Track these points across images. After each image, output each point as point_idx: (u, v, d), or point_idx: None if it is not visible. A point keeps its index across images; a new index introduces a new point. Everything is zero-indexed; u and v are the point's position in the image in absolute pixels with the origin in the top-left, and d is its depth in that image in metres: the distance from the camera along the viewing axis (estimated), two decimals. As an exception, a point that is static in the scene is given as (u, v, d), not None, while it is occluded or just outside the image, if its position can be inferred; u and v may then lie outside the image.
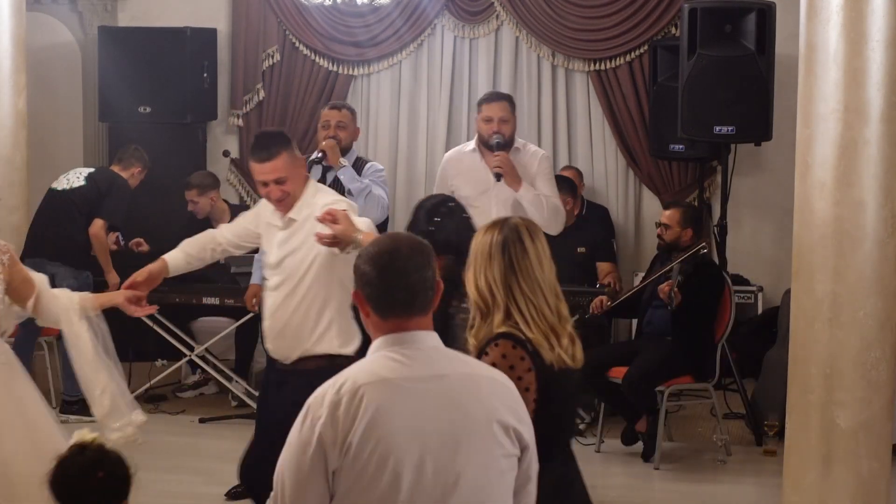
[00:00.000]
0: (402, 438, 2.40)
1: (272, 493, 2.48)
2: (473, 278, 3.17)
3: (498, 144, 5.69)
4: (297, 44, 8.62)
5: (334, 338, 4.38)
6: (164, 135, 8.21)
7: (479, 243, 3.20)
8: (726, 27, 6.91)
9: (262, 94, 8.64)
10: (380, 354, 2.51)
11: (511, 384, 2.61)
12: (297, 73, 8.64)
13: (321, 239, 4.18)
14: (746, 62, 6.84)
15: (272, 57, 8.65)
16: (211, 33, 8.47)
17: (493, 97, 5.98)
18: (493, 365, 2.91)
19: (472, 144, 5.94)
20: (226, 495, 5.63)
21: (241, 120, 8.69)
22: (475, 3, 8.39)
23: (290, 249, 4.42)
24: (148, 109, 8.21)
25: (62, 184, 7.16)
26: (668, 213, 6.63)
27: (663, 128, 7.56)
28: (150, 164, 7.42)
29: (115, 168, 7.35)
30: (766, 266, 8.08)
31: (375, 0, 8.33)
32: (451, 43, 8.49)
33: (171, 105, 8.20)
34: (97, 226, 7.05)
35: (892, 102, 4.59)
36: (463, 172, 5.86)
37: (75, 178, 7.21)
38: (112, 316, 4.33)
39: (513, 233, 3.22)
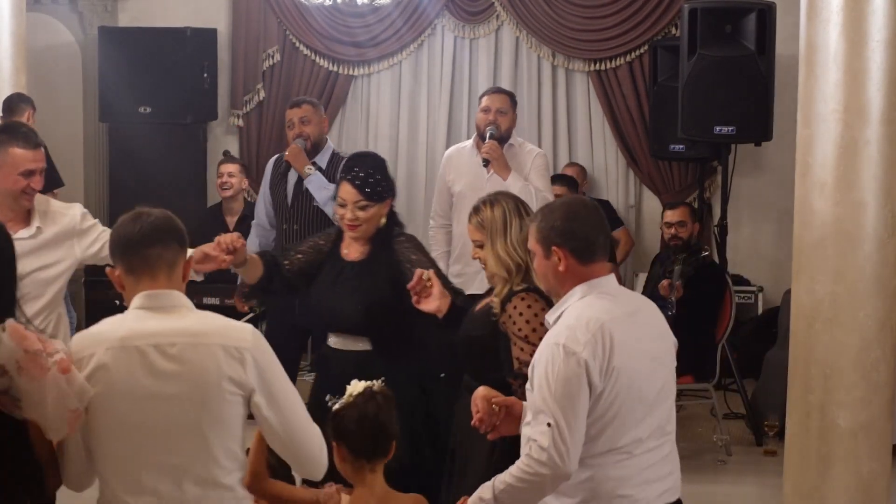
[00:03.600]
0: (637, 359, 3.06)
1: (543, 426, 2.96)
2: (493, 252, 3.72)
3: (491, 135, 5.68)
4: (297, 44, 8.63)
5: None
6: (164, 135, 8.20)
7: (489, 220, 3.74)
8: (726, 27, 6.91)
9: (262, 94, 8.64)
10: (592, 297, 3.11)
11: None
12: (297, 73, 8.65)
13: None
14: (746, 62, 6.84)
15: (272, 57, 8.65)
16: (211, 33, 8.47)
17: (493, 90, 6.02)
18: (521, 315, 3.61)
19: (470, 141, 5.95)
20: None
21: (241, 120, 8.69)
22: (475, 3, 8.39)
23: (45, 263, 4.19)
24: (148, 109, 8.21)
25: None
26: (679, 210, 6.67)
27: (663, 128, 7.56)
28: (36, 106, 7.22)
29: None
30: (766, 266, 8.07)
31: (375, 0, 8.34)
32: (451, 43, 8.49)
33: (171, 105, 8.20)
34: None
35: (892, 103, 4.58)
36: (459, 168, 5.87)
37: None
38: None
39: (511, 200, 3.83)
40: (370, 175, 4.08)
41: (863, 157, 4.58)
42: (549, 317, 3.22)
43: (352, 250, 4.20)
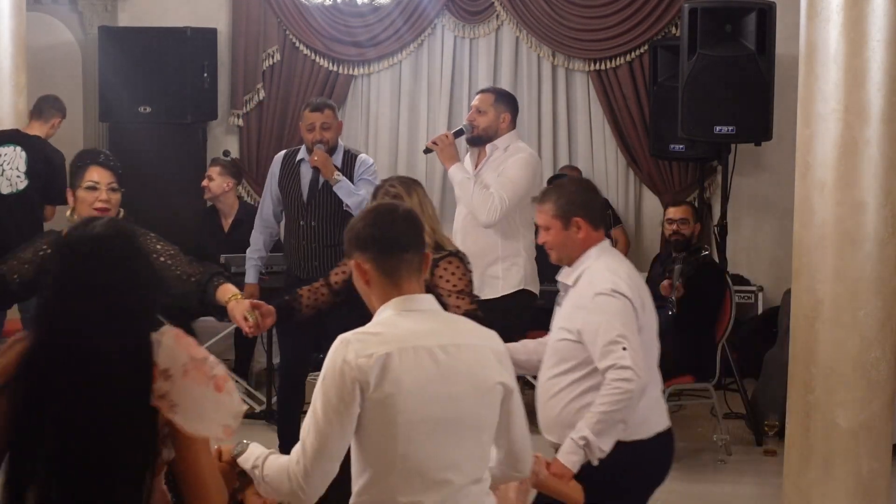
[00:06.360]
0: (649, 301, 3.76)
1: (618, 352, 3.55)
2: (431, 231, 4.17)
3: (457, 133, 5.70)
4: (297, 44, 8.63)
5: None
6: (164, 135, 8.20)
7: (422, 208, 4.29)
8: (726, 27, 6.91)
9: (262, 94, 8.64)
10: (607, 254, 3.74)
11: None
12: (297, 73, 8.65)
13: None
14: (746, 62, 6.84)
15: (272, 57, 8.65)
16: (211, 33, 8.47)
17: (481, 89, 6.00)
18: (453, 274, 4.30)
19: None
20: None
21: (241, 120, 8.70)
22: (475, 3, 8.39)
23: None
24: (148, 109, 8.21)
25: (4, 187, 7.04)
26: (682, 208, 6.68)
27: (663, 128, 7.56)
28: (66, 113, 7.36)
29: (36, 125, 7.19)
30: (766, 266, 8.07)
31: (375, 0, 8.34)
32: (451, 43, 8.49)
33: (171, 105, 8.20)
34: (52, 213, 7.10)
35: (892, 102, 4.59)
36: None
37: (14, 175, 7.06)
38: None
39: (414, 185, 4.54)
40: (116, 161, 4.27)
41: (863, 157, 4.59)
42: (566, 279, 3.76)
43: None
